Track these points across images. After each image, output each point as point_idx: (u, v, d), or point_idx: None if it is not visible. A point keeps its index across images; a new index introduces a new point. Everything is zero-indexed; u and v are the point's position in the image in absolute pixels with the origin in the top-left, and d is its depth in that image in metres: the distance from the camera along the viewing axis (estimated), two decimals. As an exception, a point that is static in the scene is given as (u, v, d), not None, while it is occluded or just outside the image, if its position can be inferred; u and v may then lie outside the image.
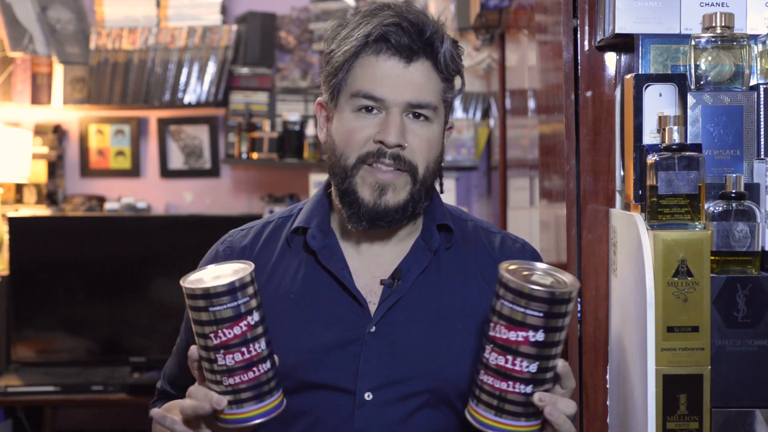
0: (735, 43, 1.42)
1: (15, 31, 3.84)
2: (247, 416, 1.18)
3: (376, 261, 1.39)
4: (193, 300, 1.15)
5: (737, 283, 1.34)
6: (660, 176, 1.35)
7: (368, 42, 1.31)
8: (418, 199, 1.34)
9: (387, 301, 1.35)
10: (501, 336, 1.12)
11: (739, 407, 1.35)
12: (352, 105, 1.33)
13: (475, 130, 3.67)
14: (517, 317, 1.11)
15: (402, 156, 1.31)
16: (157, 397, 1.52)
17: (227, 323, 1.14)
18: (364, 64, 1.32)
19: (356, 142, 1.32)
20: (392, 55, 1.31)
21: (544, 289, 1.10)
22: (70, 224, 3.81)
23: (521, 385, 1.13)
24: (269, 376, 1.19)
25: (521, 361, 1.12)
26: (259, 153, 3.78)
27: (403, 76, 1.31)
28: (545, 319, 1.10)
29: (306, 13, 3.99)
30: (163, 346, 3.65)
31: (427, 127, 1.33)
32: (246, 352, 1.16)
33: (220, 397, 1.17)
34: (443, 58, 1.32)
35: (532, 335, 1.11)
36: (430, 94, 1.33)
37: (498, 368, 1.13)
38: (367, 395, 1.32)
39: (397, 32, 1.30)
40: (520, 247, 1.45)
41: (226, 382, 1.17)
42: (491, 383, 1.14)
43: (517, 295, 1.11)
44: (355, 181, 1.33)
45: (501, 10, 2.87)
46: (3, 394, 3.47)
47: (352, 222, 1.34)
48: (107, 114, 4.08)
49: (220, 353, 1.15)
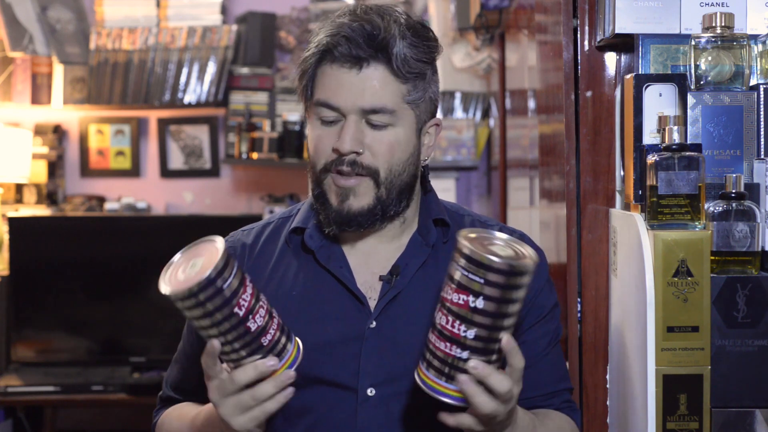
0: (735, 43, 1.42)
1: (15, 31, 3.84)
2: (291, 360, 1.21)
3: (374, 258, 1.40)
4: (186, 300, 1.14)
5: (737, 283, 1.34)
6: (660, 176, 1.35)
7: (320, 53, 1.33)
8: (387, 202, 1.35)
9: (386, 296, 1.36)
10: (447, 297, 1.14)
11: (739, 407, 1.35)
12: (317, 114, 1.36)
13: (475, 130, 3.67)
14: (461, 280, 1.12)
15: (359, 161, 1.33)
16: (160, 405, 1.52)
17: (240, 289, 1.16)
18: (323, 74, 1.34)
19: (321, 152, 1.35)
20: (343, 64, 1.32)
21: (495, 259, 1.10)
22: (70, 224, 3.81)
23: (457, 349, 1.14)
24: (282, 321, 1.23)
25: (459, 324, 1.13)
26: (259, 153, 3.78)
27: (356, 84, 1.31)
28: (486, 286, 1.11)
29: (306, 13, 3.99)
30: (163, 346, 3.66)
31: (386, 131, 1.34)
32: (264, 304, 1.19)
33: (269, 359, 1.18)
34: (397, 60, 1.31)
35: (472, 300, 1.11)
36: (385, 98, 1.32)
37: (441, 328, 1.15)
38: (370, 391, 1.33)
39: (343, 43, 1.30)
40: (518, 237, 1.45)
41: (264, 342, 1.18)
42: (434, 342, 1.16)
43: (463, 257, 1.12)
44: (324, 187, 1.36)
45: (501, 10, 2.87)
46: (3, 394, 3.47)
47: (325, 226, 1.37)
48: (107, 114, 4.08)
49: (250, 319, 1.17)
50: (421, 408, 1.33)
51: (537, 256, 1.15)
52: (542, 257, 1.46)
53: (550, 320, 1.43)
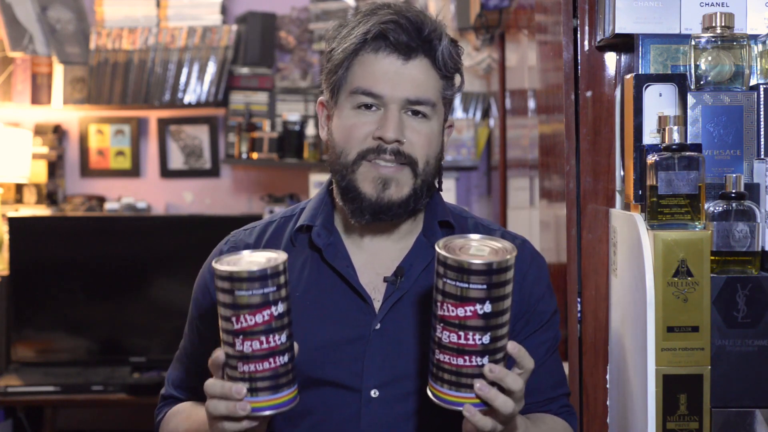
0: (735, 43, 1.42)
1: (15, 31, 3.84)
2: (260, 406, 1.17)
3: (379, 258, 1.40)
4: (221, 282, 1.15)
5: (737, 283, 1.34)
6: (660, 176, 1.35)
7: (367, 39, 1.33)
8: (420, 194, 1.36)
9: (390, 298, 1.36)
10: (450, 314, 1.13)
11: (739, 407, 1.35)
12: (352, 102, 1.35)
13: (475, 130, 3.67)
14: (462, 293, 1.12)
15: (401, 151, 1.33)
16: (162, 403, 1.52)
17: (248, 309, 1.14)
18: (363, 62, 1.34)
19: (356, 139, 1.34)
20: (391, 52, 1.33)
21: (482, 262, 1.11)
22: (70, 224, 3.81)
23: (477, 358, 1.14)
24: (286, 369, 1.18)
25: (473, 334, 1.13)
26: (259, 153, 3.78)
27: (402, 73, 1.33)
28: (489, 290, 1.11)
29: (306, 13, 3.99)
30: (163, 346, 3.66)
31: (425, 124, 1.35)
32: (265, 341, 1.15)
33: (239, 385, 1.16)
34: (441, 56, 1.34)
35: (480, 308, 1.12)
36: (429, 91, 1.34)
37: (452, 345, 1.14)
38: (374, 392, 1.33)
39: (396, 30, 1.32)
40: (519, 244, 1.45)
41: (240, 368, 1.16)
42: (448, 361, 1.15)
43: (457, 271, 1.11)
44: (356, 177, 1.35)
45: (501, 10, 2.87)
46: (3, 394, 3.47)
47: (355, 217, 1.36)
48: (107, 114, 4.08)
49: (239, 339, 1.15)
50: (424, 409, 1.34)
51: (510, 245, 1.16)
52: (542, 263, 1.46)
53: (550, 327, 1.43)
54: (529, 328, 1.40)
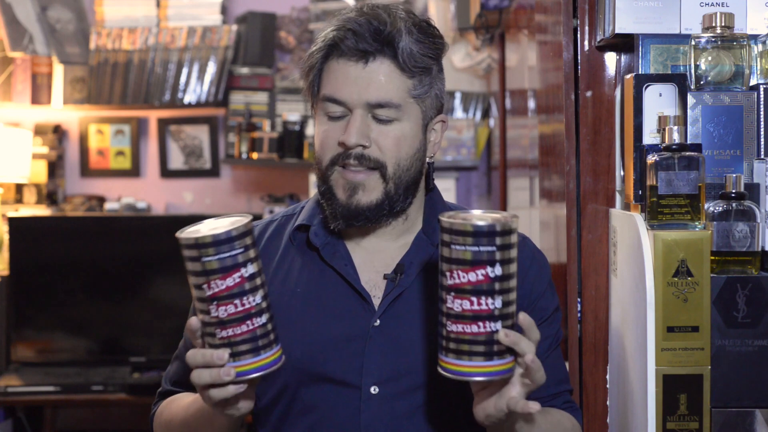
0: (735, 43, 1.42)
1: (15, 31, 3.84)
2: (244, 369, 1.16)
3: (378, 256, 1.41)
4: (188, 250, 1.14)
5: (737, 283, 1.34)
6: (660, 176, 1.35)
7: (326, 47, 1.35)
8: (395, 197, 1.36)
9: (390, 295, 1.36)
10: (462, 280, 1.13)
11: (739, 407, 1.35)
12: (323, 110, 1.36)
13: (475, 130, 3.67)
14: (473, 257, 1.12)
15: (366, 155, 1.33)
16: (158, 399, 1.52)
17: (218, 274, 1.13)
18: (329, 69, 1.36)
19: (327, 146, 1.36)
20: (350, 57, 1.33)
21: (488, 223, 1.11)
22: (70, 224, 3.81)
23: (491, 323, 1.13)
24: (266, 330, 1.17)
25: (486, 298, 1.12)
26: (259, 153, 3.78)
27: (362, 77, 1.33)
28: (498, 251, 1.11)
29: (306, 13, 3.99)
30: (163, 346, 3.65)
31: (393, 126, 1.34)
32: (239, 304, 1.14)
33: (220, 352, 1.15)
34: (403, 55, 1.32)
35: (491, 271, 1.12)
36: (391, 92, 1.33)
37: (465, 313, 1.13)
38: (373, 389, 1.34)
39: (350, 36, 1.32)
40: (520, 241, 1.45)
41: (219, 334, 1.15)
42: (462, 330, 1.14)
43: (466, 235, 1.11)
44: (331, 182, 1.36)
45: (501, 10, 2.87)
46: (3, 394, 3.47)
47: (331, 221, 1.37)
48: (107, 114, 4.08)
49: (213, 305, 1.14)
50: (424, 406, 1.34)
51: (511, 213, 1.16)
52: (544, 261, 1.46)
53: (551, 324, 1.43)
54: None
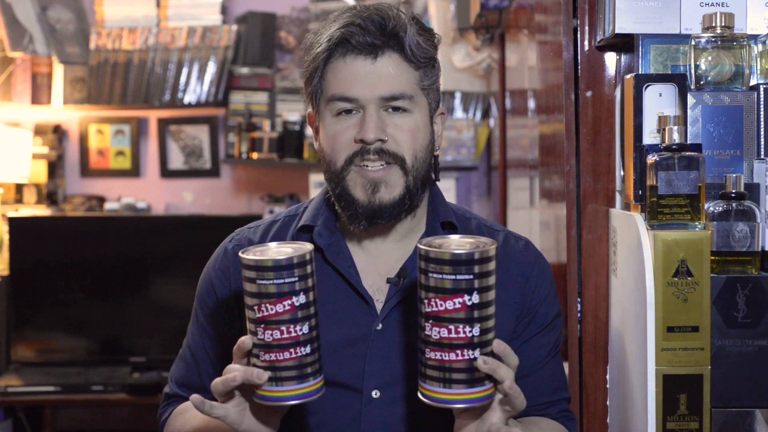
0: (735, 43, 1.42)
1: (15, 31, 3.84)
2: (284, 395, 1.18)
3: (381, 259, 1.40)
4: (246, 271, 1.16)
5: (737, 283, 1.34)
6: (660, 176, 1.35)
7: (331, 46, 1.34)
8: (414, 191, 1.35)
9: (392, 299, 1.36)
10: (438, 308, 1.13)
11: (739, 407, 1.35)
12: (331, 110, 1.35)
13: (475, 130, 3.67)
14: (450, 285, 1.12)
15: (385, 149, 1.33)
16: (166, 402, 1.52)
17: (270, 299, 1.15)
18: (334, 69, 1.35)
19: (341, 145, 1.34)
20: (357, 54, 1.33)
21: (467, 251, 1.11)
22: (70, 224, 3.81)
23: (468, 351, 1.13)
24: (309, 360, 1.18)
25: (463, 327, 1.12)
26: (259, 153, 3.78)
27: (373, 72, 1.32)
28: (475, 280, 1.11)
29: (306, 13, 3.99)
30: (163, 346, 3.66)
31: (407, 118, 1.34)
32: (286, 331, 1.16)
33: (261, 371, 1.16)
34: (410, 47, 1.33)
35: (468, 299, 1.12)
36: (403, 84, 1.34)
37: (443, 341, 1.13)
38: (375, 393, 1.33)
39: (357, 32, 1.32)
40: (523, 245, 1.45)
41: (262, 356, 1.17)
42: (440, 357, 1.14)
43: (443, 264, 1.12)
44: (347, 183, 1.35)
45: (501, 10, 2.87)
46: (3, 394, 3.47)
47: (351, 223, 1.36)
48: (107, 114, 4.08)
49: (261, 327, 1.16)
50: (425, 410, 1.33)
51: (490, 239, 1.16)
52: (545, 266, 1.46)
53: (551, 331, 1.42)
54: (530, 330, 1.40)
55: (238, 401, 1.21)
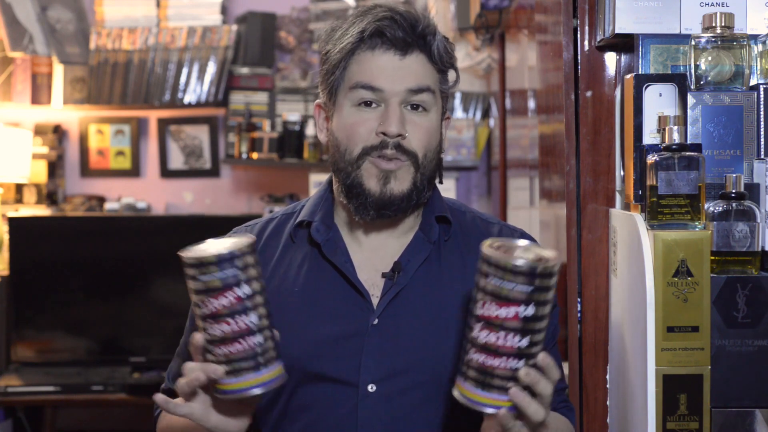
0: (735, 43, 1.42)
1: (15, 31, 3.84)
2: (242, 386, 1.18)
3: (378, 254, 1.41)
4: (187, 268, 1.17)
5: (737, 283, 1.34)
6: (660, 176, 1.35)
7: (363, 38, 1.35)
8: (421, 188, 1.36)
9: (388, 293, 1.37)
10: (491, 313, 1.12)
11: (739, 407, 1.35)
12: (352, 99, 1.36)
13: (475, 130, 3.67)
14: (507, 293, 1.11)
15: (403, 145, 1.34)
16: None
17: (212, 293, 1.16)
18: (360, 60, 1.35)
19: (359, 135, 1.35)
20: (388, 48, 1.34)
21: (529, 264, 1.10)
22: (70, 224, 3.81)
23: (513, 361, 1.13)
24: (263, 349, 1.19)
25: (513, 336, 1.12)
26: (259, 153, 3.78)
27: (400, 68, 1.35)
28: (533, 293, 1.11)
29: (306, 13, 4.00)
30: (163, 346, 3.65)
31: (425, 117, 1.36)
32: (234, 323, 1.17)
33: (217, 366, 1.17)
34: (437, 50, 1.37)
35: (522, 310, 1.11)
36: (428, 80, 1.36)
37: (489, 346, 1.13)
38: (371, 387, 1.34)
39: (392, 26, 1.34)
40: (518, 237, 1.46)
41: (216, 351, 1.18)
42: (482, 361, 1.14)
43: (504, 270, 1.11)
44: (361, 173, 1.35)
45: (501, 10, 2.87)
46: (3, 394, 3.47)
47: (359, 214, 1.36)
48: (107, 114, 4.08)
49: (209, 322, 1.17)
50: (421, 404, 1.34)
51: (555, 253, 1.15)
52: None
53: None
54: None
55: (201, 398, 1.22)
